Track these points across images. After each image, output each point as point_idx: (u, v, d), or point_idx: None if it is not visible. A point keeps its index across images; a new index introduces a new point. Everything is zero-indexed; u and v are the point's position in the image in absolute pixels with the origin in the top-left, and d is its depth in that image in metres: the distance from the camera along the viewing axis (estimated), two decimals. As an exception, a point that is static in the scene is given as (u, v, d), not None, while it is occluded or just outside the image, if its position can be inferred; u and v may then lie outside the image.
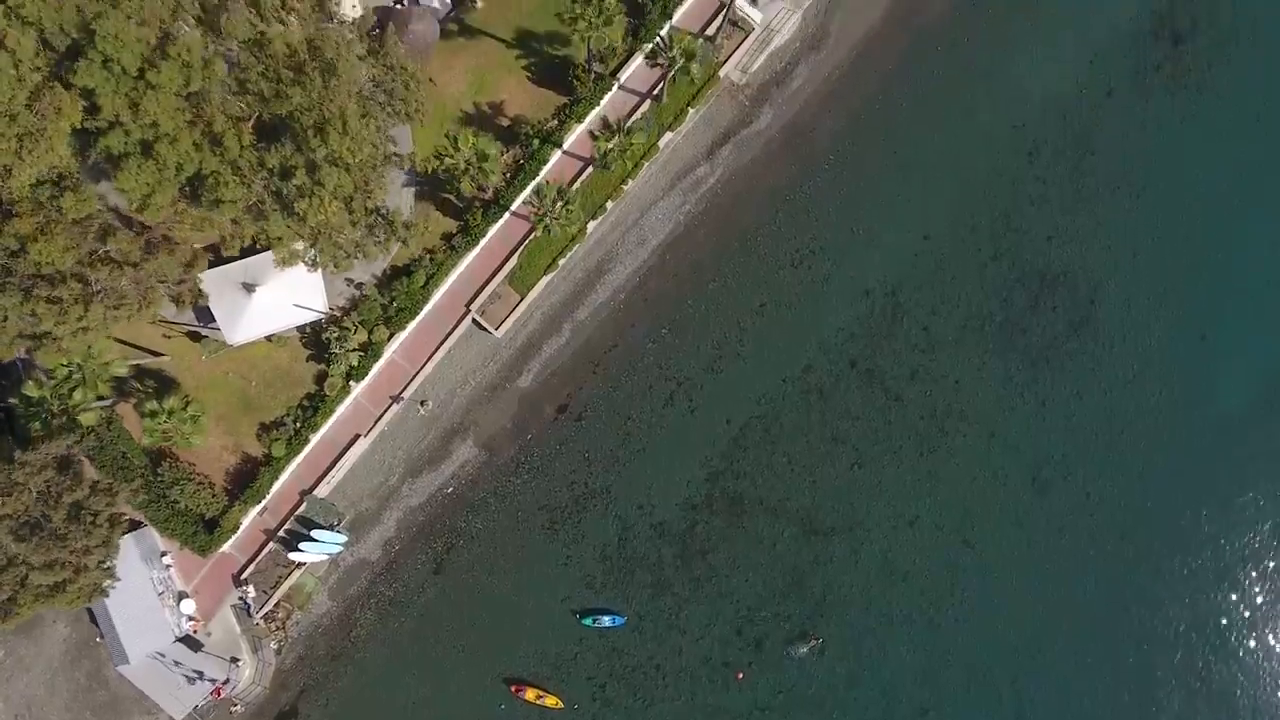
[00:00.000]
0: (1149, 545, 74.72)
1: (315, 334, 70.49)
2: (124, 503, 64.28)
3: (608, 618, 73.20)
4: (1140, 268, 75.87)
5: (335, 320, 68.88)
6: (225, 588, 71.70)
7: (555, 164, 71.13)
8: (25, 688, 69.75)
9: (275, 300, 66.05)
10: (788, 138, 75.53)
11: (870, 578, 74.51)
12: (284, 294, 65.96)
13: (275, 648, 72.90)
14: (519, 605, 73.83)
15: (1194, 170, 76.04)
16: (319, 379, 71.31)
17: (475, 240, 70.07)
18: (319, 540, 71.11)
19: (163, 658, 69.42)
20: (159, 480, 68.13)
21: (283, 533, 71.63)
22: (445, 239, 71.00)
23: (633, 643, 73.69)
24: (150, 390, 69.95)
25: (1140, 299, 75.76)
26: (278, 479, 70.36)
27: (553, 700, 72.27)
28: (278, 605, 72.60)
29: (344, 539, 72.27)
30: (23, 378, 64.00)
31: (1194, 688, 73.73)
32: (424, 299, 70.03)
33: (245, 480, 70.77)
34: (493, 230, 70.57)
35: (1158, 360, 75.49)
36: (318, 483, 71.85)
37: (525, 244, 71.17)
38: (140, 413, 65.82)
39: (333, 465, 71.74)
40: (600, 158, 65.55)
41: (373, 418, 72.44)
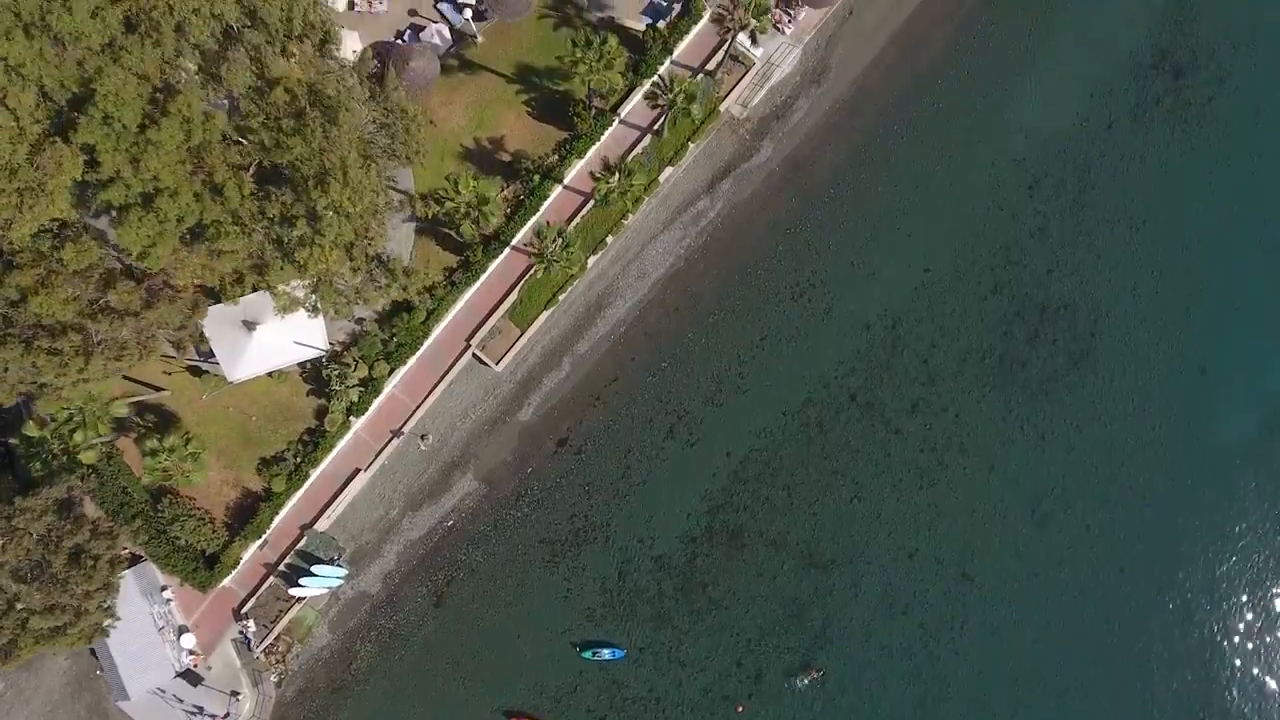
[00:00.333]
0: (1149, 577, 74.81)
1: (316, 369, 70.50)
2: (125, 542, 64.31)
3: (607, 650, 73.24)
4: (1140, 301, 75.93)
5: (336, 357, 68.89)
6: (225, 621, 71.77)
7: (556, 199, 71.17)
8: (26, 721, 69.89)
9: (276, 338, 66.05)
10: (788, 171, 75.57)
11: (870, 610, 74.60)
12: (285, 332, 65.93)
13: (275, 681, 72.91)
14: (519, 637, 73.90)
15: (1194, 203, 76.11)
16: (319, 414, 71.35)
17: (476, 276, 70.12)
18: (319, 575, 71.18)
19: (163, 693, 69.54)
20: (159, 516, 68.14)
21: (283, 567, 71.71)
22: (446, 274, 71.02)
23: (632, 675, 73.75)
24: (151, 425, 70.05)
25: (1140, 332, 75.81)
26: (278, 514, 70.44)
27: (552, 733, 72.43)
28: (278, 638, 72.62)
29: (344, 572, 72.33)
30: (24, 416, 64.07)
31: (1198, 718, 73.81)
32: (424, 335, 70.07)
33: (246, 515, 70.82)
34: (493, 266, 70.61)
35: (1158, 393, 75.57)
36: (318, 517, 71.93)
37: (526, 279, 71.20)
38: (141, 450, 65.92)
39: (333, 499, 71.81)
40: (601, 198, 65.56)
41: (373, 452, 72.50)
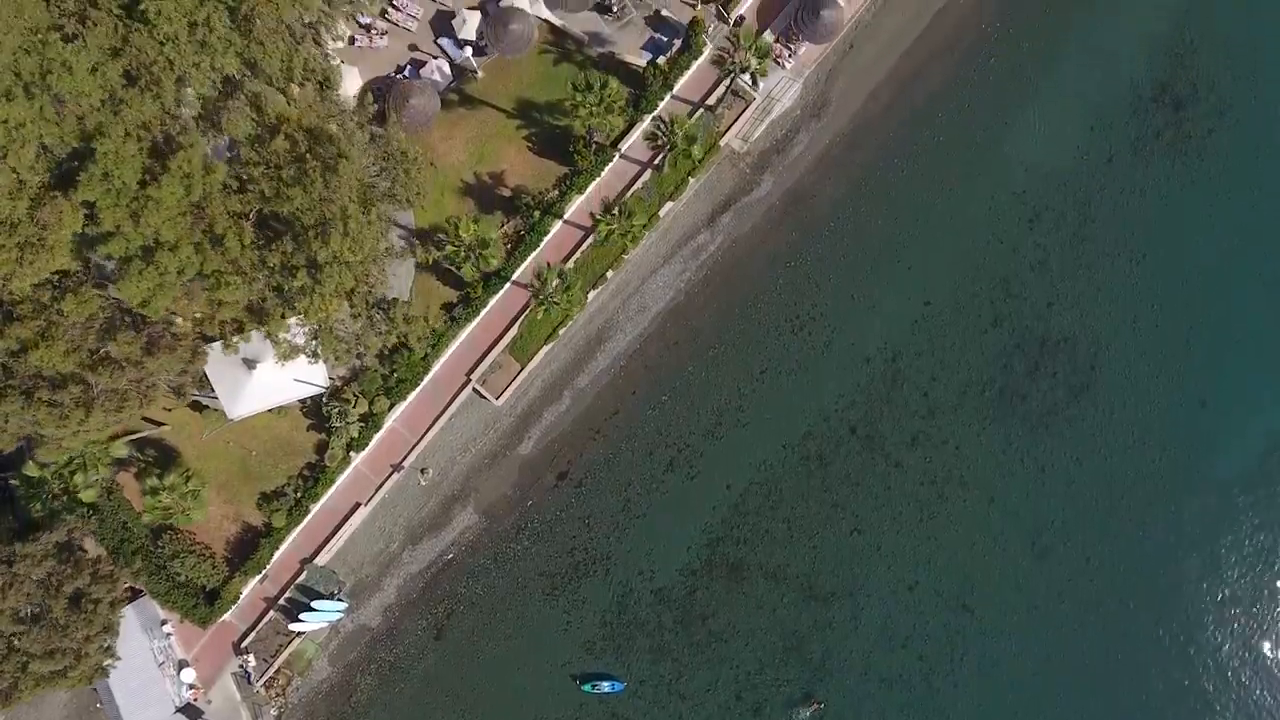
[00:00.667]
0: (1149, 610, 74.82)
1: (316, 404, 70.51)
2: (125, 580, 64.38)
3: (607, 683, 73.29)
4: (1140, 334, 75.89)
5: (336, 393, 68.91)
6: (225, 655, 71.84)
7: (556, 234, 71.19)
8: (25, 755, 69.84)
9: (276, 375, 65.82)
10: (788, 205, 75.57)
11: (870, 642, 74.65)
12: (285, 369, 65.63)
13: (275, 714, 72.96)
14: (519, 670, 73.92)
15: (1194, 236, 76.04)
16: (319, 448, 71.39)
17: (476, 311, 70.12)
18: (319, 609, 71.23)
19: (163, 729, 69.58)
20: (159, 552, 68.16)
21: (283, 601, 71.76)
22: (445, 309, 71.05)
23: (632, 708, 73.79)
24: (150, 459, 70.09)
25: (1140, 365, 75.78)
26: (278, 549, 70.48)
27: (552, 767, 72.47)
28: (278, 672, 72.65)
29: (344, 606, 72.38)
30: (25, 455, 64.08)
31: (1197, 751, 74.06)
32: (425, 370, 70.09)
33: (246, 550, 70.85)
34: (493, 301, 70.61)
35: (1158, 426, 75.53)
36: (318, 551, 71.97)
37: (526, 314, 71.21)
38: (141, 488, 66.00)
39: (333, 534, 71.84)
40: (602, 239, 65.59)
41: (373, 486, 72.53)
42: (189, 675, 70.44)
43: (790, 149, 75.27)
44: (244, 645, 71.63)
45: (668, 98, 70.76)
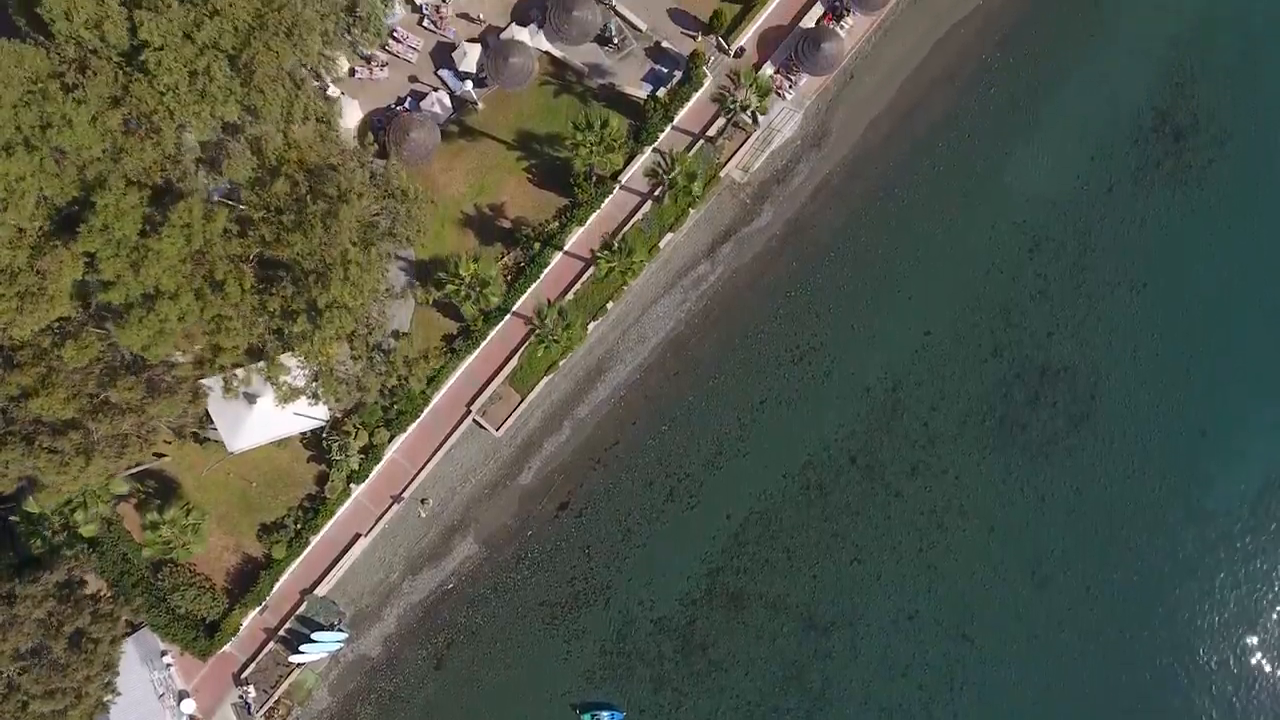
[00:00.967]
0: (1149, 639, 74.75)
1: (316, 435, 70.53)
2: (125, 615, 64.40)
3: (606, 713, 73.29)
4: (1141, 363, 75.83)
5: (336, 425, 68.91)
6: (226, 686, 71.91)
7: (556, 265, 71.19)
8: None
9: (276, 409, 65.88)
10: (788, 235, 75.55)
11: (870, 672, 74.63)
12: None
13: (276, 745, 73.05)
14: (519, 700, 73.96)
15: (1194, 266, 75.96)
16: (320, 479, 71.44)
17: (476, 343, 70.18)
18: (319, 640, 71.26)
19: (163, 761, 69.61)
20: (160, 585, 68.19)
21: (283, 632, 71.80)
22: (445, 341, 71.07)
23: (632, 738, 73.95)
24: (151, 490, 70.16)
25: (1141, 394, 75.71)
26: (278, 580, 70.59)
27: (552, 798, 72.49)
28: (278, 702, 72.70)
29: (344, 637, 72.43)
30: (26, 491, 64.04)
31: (1196, 781, 74.05)
32: (425, 402, 70.13)
33: (246, 581, 70.92)
34: (493, 333, 70.63)
35: (1158, 456, 75.45)
36: (318, 582, 72.04)
37: (526, 345, 71.20)
38: (141, 521, 65.99)
39: (333, 565, 71.91)
40: (602, 275, 65.61)
41: (373, 517, 72.59)
42: (189, 706, 70.54)
43: (791, 179, 75.25)
44: (244, 676, 71.70)
45: (668, 129, 70.74)
